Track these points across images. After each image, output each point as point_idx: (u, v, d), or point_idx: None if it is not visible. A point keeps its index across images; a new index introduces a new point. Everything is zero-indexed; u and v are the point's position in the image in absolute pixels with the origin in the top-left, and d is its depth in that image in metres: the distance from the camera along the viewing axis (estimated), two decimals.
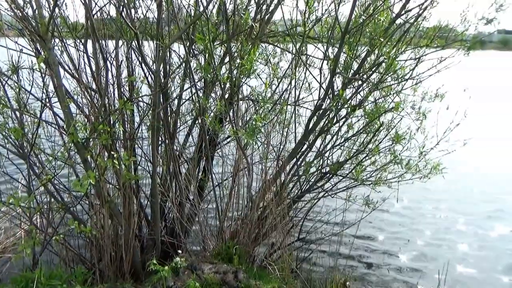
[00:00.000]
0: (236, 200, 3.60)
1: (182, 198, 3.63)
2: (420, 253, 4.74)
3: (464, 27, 3.50)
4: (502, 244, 5.10)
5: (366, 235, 5.09)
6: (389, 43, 3.41)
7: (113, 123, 2.91)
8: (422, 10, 3.45)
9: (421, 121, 3.83)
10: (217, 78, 2.89)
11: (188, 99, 3.73)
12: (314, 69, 3.69)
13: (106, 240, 3.15)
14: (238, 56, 3.00)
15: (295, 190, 3.93)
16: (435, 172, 3.83)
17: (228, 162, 4.03)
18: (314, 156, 3.81)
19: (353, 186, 3.84)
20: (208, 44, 2.57)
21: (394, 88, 3.65)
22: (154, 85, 2.91)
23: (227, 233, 3.57)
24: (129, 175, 2.99)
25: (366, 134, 3.67)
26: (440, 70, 3.67)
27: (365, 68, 3.50)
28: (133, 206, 3.23)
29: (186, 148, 4.15)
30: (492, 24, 3.37)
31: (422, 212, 5.95)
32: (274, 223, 3.52)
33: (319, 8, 3.37)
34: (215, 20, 3.41)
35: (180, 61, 3.71)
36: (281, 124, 3.72)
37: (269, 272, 3.33)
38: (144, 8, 3.58)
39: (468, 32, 3.52)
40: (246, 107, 3.97)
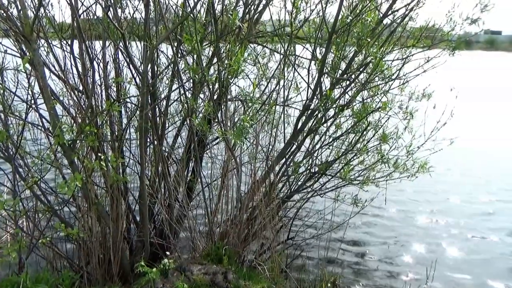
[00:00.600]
0: (226, 201, 3.59)
1: (171, 200, 3.61)
2: (409, 251, 4.79)
3: (450, 27, 3.55)
4: (490, 244, 5.18)
5: (355, 233, 5.13)
6: (377, 43, 3.44)
7: (100, 125, 2.88)
8: (409, 11, 3.49)
9: (408, 120, 3.87)
10: (205, 79, 2.88)
11: (176, 100, 3.72)
12: (302, 69, 3.71)
13: (94, 243, 3.11)
14: (226, 56, 3.00)
15: (284, 190, 3.94)
16: (422, 171, 3.87)
17: (217, 163, 4.02)
18: (303, 156, 3.83)
19: (342, 185, 3.86)
20: (196, 44, 2.56)
21: (382, 88, 3.68)
22: (142, 85, 2.89)
23: (217, 234, 3.56)
24: (116, 176, 2.96)
25: (354, 133, 3.70)
26: (426, 70, 3.72)
27: (353, 68, 3.52)
28: (121, 208, 3.20)
29: (175, 149, 4.13)
30: (477, 24, 3.43)
31: (410, 211, 6.01)
32: (263, 224, 3.52)
33: (306, 8, 3.40)
34: (203, 21, 3.39)
35: (168, 61, 3.69)
36: (270, 124, 3.73)
37: (259, 272, 3.33)
38: (132, 8, 3.56)
39: (455, 32, 3.57)
40: (234, 108, 3.97)
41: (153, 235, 3.57)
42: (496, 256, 4.79)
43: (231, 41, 2.85)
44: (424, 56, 3.67)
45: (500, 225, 5.62)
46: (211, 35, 3.66)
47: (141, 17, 3.44)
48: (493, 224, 5.68)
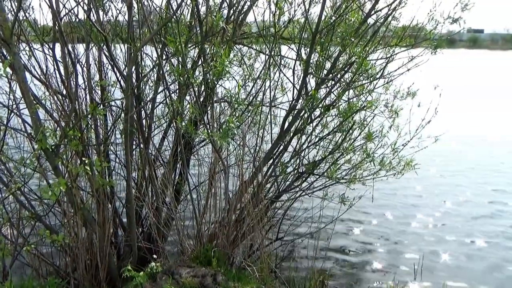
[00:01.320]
0: (214, 203, 3.58)
1: (159, 203, 3.59)
2: (396, 248, 4.84)
3: (432, 26, 3.60)
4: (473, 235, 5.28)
5: (343, 232, 5.16)
6: (361, 43, 3.47)
7: (84, 129, 2.84)
8: (391, 11, 3.53)
9: (393, 119, 3.91)
10: (189, 80, 2.87)
11: (162, 102, 3.69)
12: (288, 69, 3.73)
13: (80, 248, 3.07)
14: (211, 58, 2.99)
15: (272, 191, 3.95)
16: (408, 169, 3.92)
17: (205, 165, 4.01)
18: (290, 156, 3.84)
19: (330, 184, 3.88)
20: (180, 46, 2.55)
21: (367, 87, 3.72)
22: (126, 88, 2.87)
23: (205, 236, 3.55)
24: (102, 181, 2.93)
25: (340, 133, 3.72)
26: (410, 69, 3.77)
27: (338, 68, 3.55)
28: (107, 213, 3.17)
29: (162, 152, 4.10)
30: (458, 23, 3.49)
31: (397, 208, 6.08)
32: (252, 225, 3.52)
33: (290, 9, 3.42)
34: (187, 22, 3.38)
35: (152, 64, 3.66)
36: (256, 125, 3.73)
37: (248, 274, 3.32)
38: (115, 10, 3.53)
39: (437, 31, 3.63)
40: (221, 109, 3.96)
41: (140, 239, 3.53)
42: (478, 254, 4.88)
43: (215, 43, 2.85)
44: (407, 55, 3.73)
45: (486, 224, 5.74)
46: (196, 37, 3.67)
47: (125, 20, 3.41)
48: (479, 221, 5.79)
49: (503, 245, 5.00)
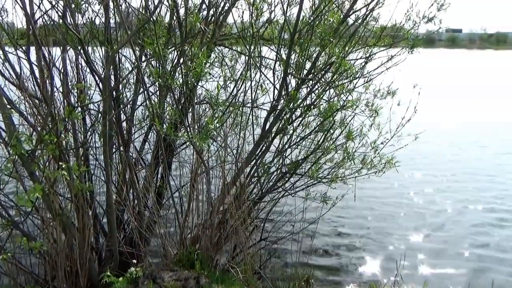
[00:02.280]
0: (196, 205, 3.55)
1: (140, 206, 3.54)
2: (379, 246, 4.90)
3: (409, 26, 3.66)
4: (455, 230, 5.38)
5: (326, 232, 5.19)
6: (341, 43, 3.50)
7: (61, 132, 2.79)
8: (369, 11, 3.57)
9: (374, 118, 3.95)
10: (169, 82, 2.84)
11: (141, 105, 3.65)
12: (269, 70, 3.73)
13: (59, 255, 3.01)
14: (190, 59, 2.97)
15: (256, 191, 3.94)
16: (388, 166, 3.97)
17: (187, 167, 3.98)
18: (273, 157, 3.84)
19: (312, 184, 3.90)
20: (157, 48, 2.53)
21: (346, 87, 3.75)
22: (104, 91, 2.82)
23: (188, 239, 3.52)
24: (81, 185, 2.87)
25: (322, 132, 3.74)
26: (388, 68, 3.82)
27: (317, 68, 3.57)
28: (87, 218, 3.11)
29: (143, 154, 4.06)
30: (433, 22, 3.55)
31: (379, 207, 6.15)
32: (235, 226, 3.51)
33: (270, 10, 3.43)
34: (165, 24, 3.35)
35: (131, 66, 3.62)
36: (238, 126, 3.72)
37: (232, 275, 3.31)
38: (93, 13, 3.47)
39: (416, 31, 3.69)
40: (202, 111, 3.94)
41: (122, 243, 3.48)
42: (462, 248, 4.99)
43: (194, 44, 2.83)
44: (386, 54, 3.78)
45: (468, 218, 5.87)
46: (175, 39, 3.64)
47: (101, 22, 3.36)
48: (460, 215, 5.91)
49: (486, 240, 5.12)
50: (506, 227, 5.54)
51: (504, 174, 7.76)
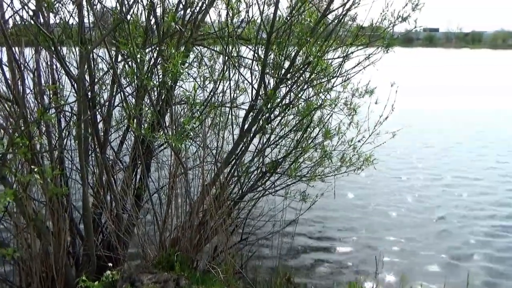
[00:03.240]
0: (175, 207, 3.52)
1: (118, 209, 3.48)
2: (358, 243, 4.96)
3: (384, 25, 3.72)
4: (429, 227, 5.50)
5: (306, 230, 5.22)
6: (319, 42, 3.52)
7: (33, 135, 2.72)
8: (346, 10, 3.61)
9: (352, 116, 3.99)
10: (145, 83, 2.80)
11: (117, 106, 3.60)
12: (248, 70, 3.73)
13: (34, 261, 2.93)
14: (166, 60, 2.94)
15: (236, 191, 3.93)
16: (367, 164, 4.02)
17: (166, 168, 3.94)
18: (252, 156, 3.84)
19: (292, 183, 3.92)
20: (132, 48, 2.49)
21: (324, 86, 3.78)
22: (78, 92, 2.77)
23: (168, 240, 3.48)
24: (55, 189, 2.81)
25: (300, 131, 3.76)
26: (365, 67, 3.87)
27: (295, 67, 3.58)
28: (63, 222, 3.04)
29: (121, 156, 3.99)
30: (407, 22, 3.62)
31: (358, 204, 6.23)
32: (215, 227, 3.49)
33: (248, 9, 3.43)
34: (141, 24, 3.31)
35: (107, 67, 3.56)
36: (217, 126, 3.71)
37: (213, 276, 3.29)
38: (67, 13, 3.40)
39: (393, 30, 3.75)
40: (181, 111, 3.90)
41: (100, 247, 3.42)
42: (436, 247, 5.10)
43: (170, 44, 2.80)
44: (363, 53, 3.83)
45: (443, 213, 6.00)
46: (151, 39, 3.60)
47: (75, 21, 3.29)
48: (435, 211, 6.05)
49: (461, 235, 5.24)
50: (482, 220, 5.70)
51: (480, 171, 7.96)
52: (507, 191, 6.91)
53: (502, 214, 5.95)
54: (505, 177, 7.64)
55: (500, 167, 8.22)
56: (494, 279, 4.28)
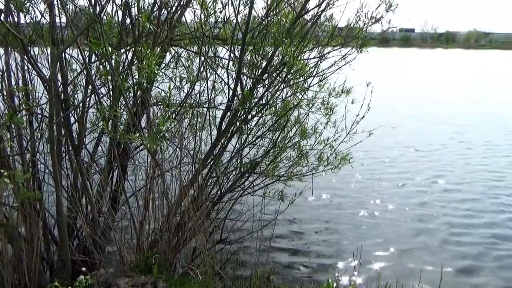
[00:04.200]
0: (153, 209, 3.48)
1: (94, 213, 3.42)
2: (337, 241, 5.03)
3: (359, 26, 3.78)
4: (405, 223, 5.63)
5: (286, 229, 5.25)
6: (295, 42, 3.55)
7: (2, 138, 2.64)
8: (321, 11, 3.65)
9: (329, 115, 4.04)
10: (118, 84, 2.76)
11: (91, 107, 3.53)
12: (227, 70, 3.72)
13: (6, 268, 2.85)
14: (140, 60, 2.90)
15: (215, 192, 3.92)
16: (344, 163, 4.08)
17: (143, 170, 3.89)
18: (230, 157, 3.84)
19: (270, 183, 3.94)
20: (105, 49, 2.45)
21: (301, 86, 3.81)
22: (49, 94, 2.70)
23: (146, 243, 3.44)
24: (27, 193, 2.73)
25: (278, 131, 3.79)
26: (341, 67, 3.92)
27: (272, 67, 3.60)
28: (36, 227, 2.96)
29: (97, 159, 3.92)
30: (380, 23, 3.69)
31: (336, 202, 6.31)
32: (194, 228, 3.47)
33: (221, 9, 3.42)
34: (114, 24, 3.26)
35: (81, 68, 3.49)
36: (194, 127, 3.69)
37: (192, 278, 3.27)
38: (38, 12, 3.32)
39: (375, 30, 3.82)
40: (158, 113, 3.86)
41: (75, 252, 3.35)
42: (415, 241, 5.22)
43: (144, 45, 2.76)
44: (339, 53, 3.88)
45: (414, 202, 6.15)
46: (126, 39, 3.55)
47: (46, 21, 3.22)
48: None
49: (440, 230, 5.38)
50: (453, 216, 5.86)
51: (455, 171, 8.18)
52: (482, 186, 7.13)
53: (477, 208, 6.15)
54: (489, 172, 7.86)
55: (480, 164, 8.48)
56: (467, 274, 4.41)
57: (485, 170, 8.05)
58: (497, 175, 7.76)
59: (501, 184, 7.26)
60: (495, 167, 8.28)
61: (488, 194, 6.77)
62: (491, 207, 6.21)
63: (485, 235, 5.26)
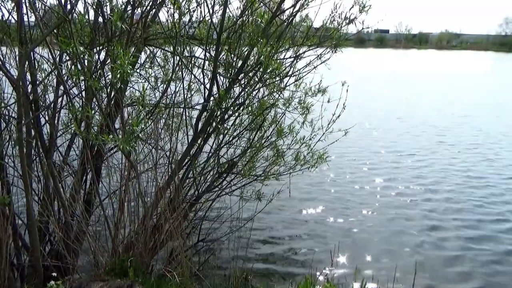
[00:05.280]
0: (128, 211, 3.42)
1: (67, 216, 3.33)
2: (314, 240, 5.08)
3: (334, 26, 3.83)
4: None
5: (263, 228, 5.26)
6: (272, 42, 3.56)
7: None
8: (296, 11, 3.68)
9: (305, 115, 4.07)
10: (89, 84, 2.70)
11: (62, 108, 3.44)
12: (202, 70, 3.69)
13: None
14: (113, 60, 2.85)
15: (192, 193, 3.89)
16: (321, 162, 4.12)
17: (118, 172, 3.82)
18: (207, 157, 3.81)
19: (248, 182, 3.93)
20: (75, 48, 2.39)
21: (277, 85, 3.83)
22: (17, 94, 2.62)
23: (121, 246, 3.38)
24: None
25: (254, 131, 3.79)
26: (316, 67, 3.96)
27: (247, 67, 3.60)
28: (5, 233, 2.86)
29: (70, 161, 3.82)
30: (354, 23, 3.75)
31: (312, 200, 6.37)
32: (170, 230, 3.43)
33: (197, 9, 3.40)
34: (85, 23, 3.18)
35: (51, 67, 3.39)
36: (170, 127, 3.65)
37: (169, 280, 3.23)
38: (6, 11, 3.21)
39: (351, 31, 3.87)
40: (133, 113, 3.79)
41: (47, 257, 3.25)
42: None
43: (117, 44, 2.71)
44: (314, 53, 3.92)
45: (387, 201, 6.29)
46: (99, 38, 3.47)
47: (14, 20, 3.12)
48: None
49: (408, 227, 5.51)
50: (430, 212, 6.02)
51: (429, 172, 8.39)
52: (457, 184, 7.36)
53: (455, 204, 6.34)
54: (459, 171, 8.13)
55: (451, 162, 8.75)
56: (442, 266, 4.54)
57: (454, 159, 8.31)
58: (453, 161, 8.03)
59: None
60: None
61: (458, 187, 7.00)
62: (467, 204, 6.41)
63: (462, 235, 5.42)
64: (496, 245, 5.04)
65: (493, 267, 4.57)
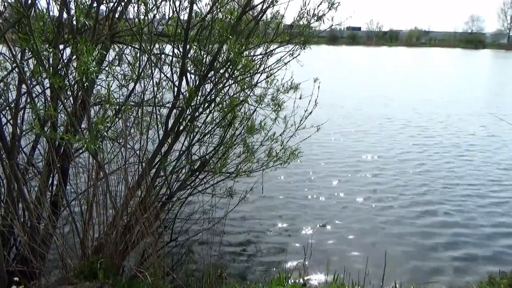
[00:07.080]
0: (97, 212, 3.34)
1: (32, 219, 3.22)
2: (287, 233, 5.13)
3: (303, 23, 3.85)
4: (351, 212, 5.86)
5: (236, 225, 5.27)
6: (242, 38, 3.54)
7: None
8: (266, 8, 3.68)
9: (277, 111, 4.09)
10: (52, 82, 2.61)
11: (24, 107, 3.32)
12: (171, 67, 3.64)
13: None
14: (77, 57, 2.77)
15: (164, 191, 3.84)
16: (292, 158, 4.15)
17: (87, 172, 3.72)
18: (179, 155, 3.77)
19: (220, 180, 3.92)
20: (34, 45, 2.30)
21: (248, 82, 3.82)
22: None
23: (91, 248, 3.30)
24: None
25: (225, 128, 3.77)
26: (287, 63, 3.98)
27: (217, 64, 3.58)
28: None
29: (34, 162, 3.70)
30: (322, 20, 3.79)
31: (284, 196, 6.42)
32: (142, 230, 3.37)
33: (163, 5, 3.35)
34: (47, 19, 3.08)
35: (11, 65, 3.27)
36: (140, 126, 3.58)
37: (141, 281, 3.19)
38: None
39: (323, 28, 3.89)
40: (98, 112, 3.70)
41: (12, 262, 3.14)
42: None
43: (81, 41, 2.63)
44: (284, 50, 3.93)
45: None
46: (63, 34, 3.37)
47: None
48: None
49: (382, 219, 5.65)
50: (403, 207, 6.19)
51: (405, 171, 8.62)
52: (433, 180, 7.58)
53: (428, 200, 6.54)
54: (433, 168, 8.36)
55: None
56: (411, 257, 4.68)
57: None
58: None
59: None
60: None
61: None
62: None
63: (426, 223, 5.61)
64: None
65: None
